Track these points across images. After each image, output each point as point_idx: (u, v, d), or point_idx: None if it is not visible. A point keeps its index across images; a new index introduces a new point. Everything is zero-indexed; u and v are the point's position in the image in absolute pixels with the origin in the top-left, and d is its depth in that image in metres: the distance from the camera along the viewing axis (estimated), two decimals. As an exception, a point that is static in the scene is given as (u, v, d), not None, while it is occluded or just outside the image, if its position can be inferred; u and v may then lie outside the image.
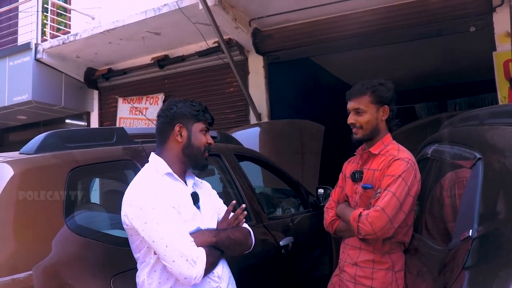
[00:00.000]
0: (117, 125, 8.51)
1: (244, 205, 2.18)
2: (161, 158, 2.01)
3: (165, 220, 1.79)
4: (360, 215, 2.22)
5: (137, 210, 1.82)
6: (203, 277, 1.85)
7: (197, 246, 1.84)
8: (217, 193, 2.27)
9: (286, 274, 3.31)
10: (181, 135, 2.01)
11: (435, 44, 7.37)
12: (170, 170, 1.98)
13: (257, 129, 6.51)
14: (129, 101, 8.66)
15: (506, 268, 1.30)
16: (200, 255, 1.82)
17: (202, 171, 2.13)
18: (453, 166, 2.24)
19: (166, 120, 2.04)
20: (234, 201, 2.15)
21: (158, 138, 2.08)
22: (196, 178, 2.17)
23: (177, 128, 2.01)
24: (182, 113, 2.02)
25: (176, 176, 1.99)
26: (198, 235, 1.89)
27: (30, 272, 1.78)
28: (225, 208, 2.19)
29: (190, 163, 2.05)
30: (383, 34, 6.33)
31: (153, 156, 2.04)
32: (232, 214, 2.13)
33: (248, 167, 3.56)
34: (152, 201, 1.82)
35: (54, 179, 2.10)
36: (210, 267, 1.87)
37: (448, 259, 1.75)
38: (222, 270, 1.99)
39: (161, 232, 1.77)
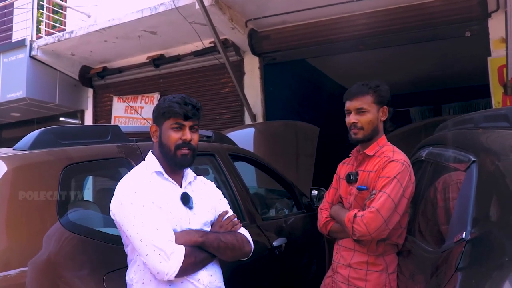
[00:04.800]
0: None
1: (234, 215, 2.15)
2: (154, 157, 2.02)
3: (141, 215, 1.79)
4: (355, 216, 2.21)
5: (119, 205, 1.84)
6: (184, 280, 1.83)
7: (181, 245, 1.80)
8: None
9: (279, 275, 3.31)
10: (156, 135, 2.02)
11: (430, 48, 7.41)
12: (159, 169, 1.97)
13: (251, 130, 6.52)
14: (124, 100, 8.63)
15: (499, 270, 1.30)
16: (177, 251, 1.77)
17: (180, 169, 2.05)
18: (448, 168, 2.25)
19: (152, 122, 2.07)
20: (224, 211, 2.13)
21: None
22: (199, 177, 2.16)
23: (152, 128, 2.03)
24: (156, 112, 2.02)
25: (166, 175, 1.98)
26: (183, 234, 1.87)
27: (23, 269, 1.77)
28: (226, 209, 2.16)
29: (167, 162, 2.00)
30: (379, 37, 6.36)
31: (148, 155, 2.05)
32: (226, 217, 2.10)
33: (242, 167, 3.56)
34: (130, 196, 1.82)
35: (48, 176, 2.08)
36: (190, 267, 1.83)
37: (441, 261, 1.75)
38: (210, 279, 1.92)
39: (137, 227, 1.77)
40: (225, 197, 3.10)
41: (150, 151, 2.08)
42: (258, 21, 6.74)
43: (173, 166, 2.01)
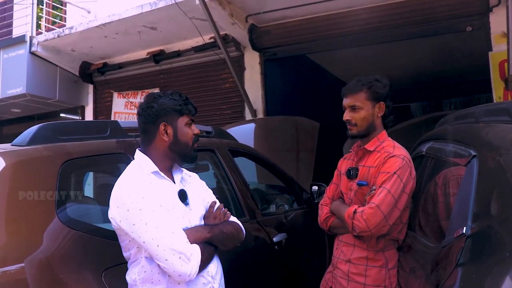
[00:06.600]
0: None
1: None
2: (146, 156, 1.96)
3: (153, 220, 1.76)
4: (355, 212, 2.20)
5: (125, 212, 1.79)
6: (197, 274, 1.83)
7: (191, 243, 1.82)
8: (211, 189, 2.24)
9: (279, 270, 3.30)
10: (167, 133, 1.95)
11: (431, 44, 7.38)
12: (156, 169, 1.93)
13: (252, 125, 6.50)
14: (124, 95, 8.62)
15: (499, 266, 1.29)
16: (194, 252, 1.80)
17: (191, 163, 2.10)
18: (448, 163, 2.24)
19: (149, 120, 1.96)
20: (213, 201, 2.13)
21: (143, 137, 2.03)
22: (185, 171, 2.13)
23: (162, 127, 1.95)
24: (164, 110, 1.95)
25: (162, 174, 1.94)
26: (192, 232, 1.87)
27: (21, 264, 1.76)
28: (213, 199, 2.16)
29: (179, 158, 2.02)
30: (379, 32, 6.34)
31: (138, 154, 1.99)
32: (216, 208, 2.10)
33: (242, 163, 3.55)
34: (138, 202, 1.78)
35: (47, 172, 2.08)
36: (204, 264, 1.85)
37: (441, 257, 1.74)
38: (216, 270, 1.97)
39: (151, 233, 1.75)
40: (225, 192, 3.13)
41: (137, 149, 2.02)
42: (259, 16, 6.72)
43: (187, 161, 2.07)
